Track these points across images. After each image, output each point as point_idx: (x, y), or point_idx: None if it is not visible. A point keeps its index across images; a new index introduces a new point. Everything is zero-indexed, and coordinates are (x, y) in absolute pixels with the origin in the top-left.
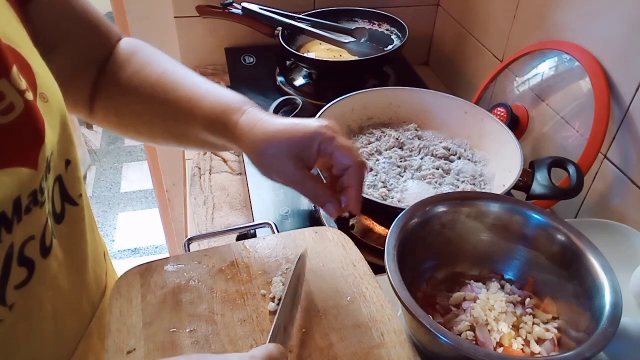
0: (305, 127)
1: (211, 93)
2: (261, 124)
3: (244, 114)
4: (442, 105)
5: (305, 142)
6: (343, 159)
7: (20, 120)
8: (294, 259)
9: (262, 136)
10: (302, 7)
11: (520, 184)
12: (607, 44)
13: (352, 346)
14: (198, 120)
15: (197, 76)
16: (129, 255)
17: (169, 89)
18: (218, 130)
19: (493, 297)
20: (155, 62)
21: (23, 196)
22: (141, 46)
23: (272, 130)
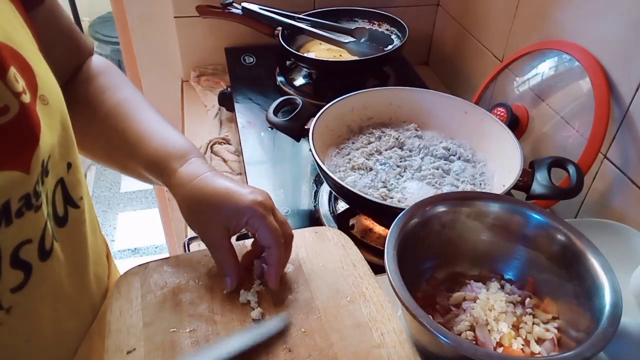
0: (238, 199)
1: (160, 134)
2: (199, 181)
3: (185, 164)
4: (442, 105)
5: (233, 215)
6: (266, 239)
7: (15, 122)
8: (294, 259)
9: (196, 195)
10: (302, 7)
11: (520, 184)
12: (607, 44)
13: (352, 346)
14: (139, 157)
15: (154, 114)
16: (129, 255)
17: (120, 119)
18: (156, 172)
19: (493, 297)
20: (117, 88)
21: (13, 200)
22: (109, 69)
23: (206, 193)
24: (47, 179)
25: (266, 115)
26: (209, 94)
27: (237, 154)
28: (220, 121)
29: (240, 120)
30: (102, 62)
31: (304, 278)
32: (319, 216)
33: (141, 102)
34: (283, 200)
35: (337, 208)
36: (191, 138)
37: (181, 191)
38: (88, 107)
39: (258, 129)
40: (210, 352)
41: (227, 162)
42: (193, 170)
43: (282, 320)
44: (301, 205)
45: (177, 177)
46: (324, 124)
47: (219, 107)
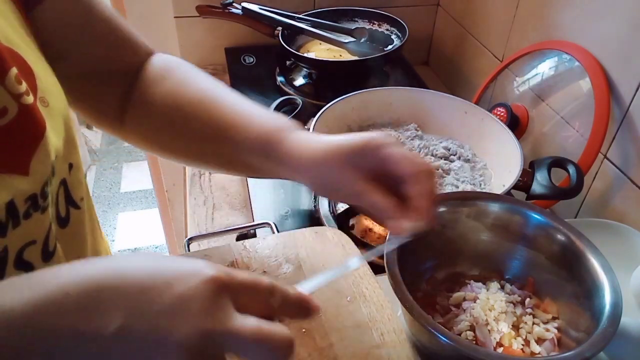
0: (359, 137)
1: (255, 113)
2: (314, 143)
3: (291, 136)
4: (442, 105)
5: (361, 149)
6: (408, 165)
7: (14, 125)
8: (294, 259)
9: (313, 151)
10: (302, 7)
11: (520, 184)
12: (607, 44)
13: (352, 346)
14: (242, 142)
15: (238, 95)
16: None
17: (210, 108)
18: (263, 153)
19: (493, 297)
20: (193, 79)
21: (18, 201)
22: (177, 63)
23: (323, 145)
24: (53, 179)
25: None
26: None
27: None
28: None
29: None
30: (166, 58)
31: (304, 278)
32: (319, 216)
33: (221, 87)
34: (283, 200)
35: (337, 208)
36: None
37: (297, 162)
38: (169, 106)
39: None
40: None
41: None
42: (302, 139)
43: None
44: (301, 205)
45: (288, 152)
46: (324, 124)
47: None
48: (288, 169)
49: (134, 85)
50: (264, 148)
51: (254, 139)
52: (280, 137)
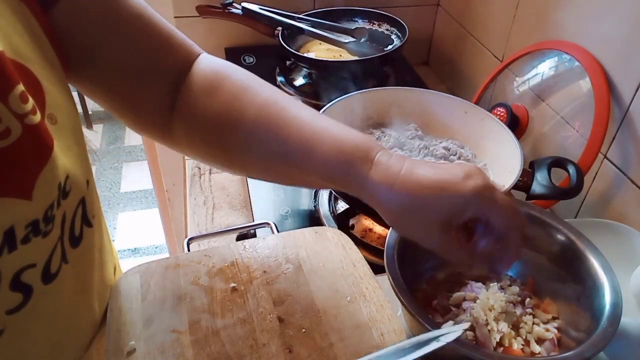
0: (456, 190)
1: (330, 133)
2: (401, 179)
3: (375, 164)
4: (442, 105)
5: (459, 208)
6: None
7: (17, 146)
8: (294, 259)
9: (404, 198)
10: (302, 7)
11: (520, 184)
12: (607, 44)
13: (352, 346)
14: (314, 167)
15: (306, 108)
16: (129, 255)
17: (273, 125)
18: (341, 180)
19: (493, 297)
20: (253, 90)
21: (18, 227)
22: (230, 69)
23: (416, 192)
24: (66, 200)
25: None
26: None
27: None
28: None
29: None
30: (217, 62)
31: (304, 278)
32: (319, 216)
33: (286, 99)
34: (283, 200)
35: (337, 208)
36: None
37: (383, 199)
38: (225, 119)
39: None
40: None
41: None
42: (389, 171)
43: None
44: (301, 205)
45: (372, 184)
46: None
47: None
48: (370, 202)
49: (179, 92)
50: (341, 176)
51: (330, 165)
52: (362, 164)
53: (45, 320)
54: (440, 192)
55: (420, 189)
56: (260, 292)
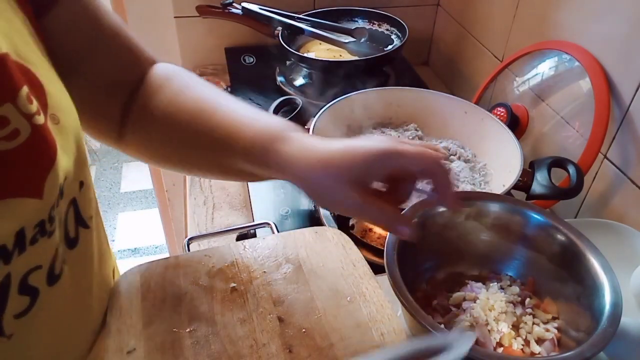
0: (365, 150)
1: (251, 118)
2: (312, 150)
3: (288, 141)
4: (442, 105)
5: (368, 165)
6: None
7: (26, 146)
8: (294, 259)
9: (315, 164)
10: (302, 7)
11: (520, 184)
12: (607, 44)
13: (352, 346)
14: (237, 149)
15: (236, 101)
16: (129, 255)
17: (206, 116)
18: (260, 160)
19: (493, 297)
20: (192, 87)
21: (27, 228)
22: (177, 72)
23: (326, 157)
24: (62, 200)
25: None
26: None
27: None
28: None
29: None
30: (166, 67)
31: (304, 278)
32: (319, 216)
33: (219, 94)
34: (283, 201)
35: None
36: None
37: (296, 170)
38: (167, 116)
39: None
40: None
41: None
42: (301, 145)
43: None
44: (301, 205)
45: (286, 158)
46: (323, 124)
47: None
48: (286, 176)
49: (134, 96)
50: (261, 155)
51: (251, 146)
52: (278, 143)
53: (50, 323)
54: (346, 152)
55: (329, 154)
56: (260, 292)
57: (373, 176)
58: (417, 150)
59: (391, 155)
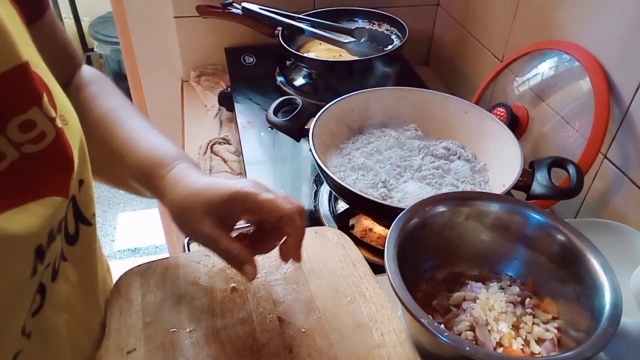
0: (226, 187)
1: (147, 142)
2: (185, 181)
3: (172, 170)
4: (442, 105)
5: (225, 202)
6: (270, 212)
7: (51, 148)
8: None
9: (183, 193)
10: (302, 7)
11: (520, 184)
12: (607, 44)
13: (352, 346)
14: (127, 167)
15: (142, 120)
16: (129, 255)
17: (108, 127)
18: (144, 181)
19: (493, 297)
20: (105, 97)
21: (55, 226)
22: (98, 79)
23: (193, 189)
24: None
25: (266, 115)
26: (209, 94)
27: (237, 154)
28: (220, 121)
29: (240, 120)
30: (91, 72)
31: (304, 278)
32: (319, 216)
33: (129, 110)
34: None
35: (337, 208)
36: (191, 138)
37: (168, 196)
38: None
39: (258, 129)
40: None
41: (227, 162)
42: (179, 174)
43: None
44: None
45: (164, 184)
46: (324, 124)
47: (219, 107)
48: (162, 201)
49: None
50: (145, 177)
51: (139, 165)
52: (163, 169)
53: (63, 318)
54: (211, 190)
55: (198, 188)
56: (260, 292)
57: (231, 214)
58: (271, 199)
59: (246, 198)
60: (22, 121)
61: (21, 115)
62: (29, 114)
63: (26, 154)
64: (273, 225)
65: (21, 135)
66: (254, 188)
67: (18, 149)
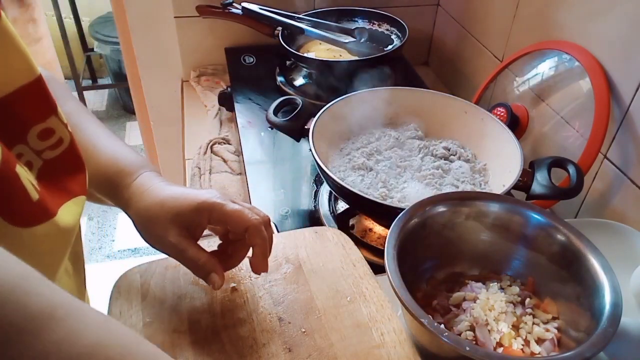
0: (193, 197)
1: (109, 149)
2: (151, 190)
3: (137, 179)
4: (442, 105)
5: (191, 212)
6: (238, 221)
7: (68, 152)
8: (294, 259)
9: (149, 203)
10: (302, 7)
11: (520, 184)
12: (607, 44)
13: (352, 346)
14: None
15: (100, 127)
16: (129, 255)
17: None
18: (107, 190)
19: (493, 297)
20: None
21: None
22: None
23: (159, 198)
24: None
25: (266, 115)
26: (209, 94)
27: (237, 154)
28: (220, 121)
29: (240, 120)
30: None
31: (304, 278)
32: (319, 216)
33: (85, 115)
34: (283, 200)
35: (337, 208)
36: (191, 138)
37: (133, 205)
38: None
39: (258, 129)
40: None
41: (227, 162)
42: (144, 183)
43: None
44: (301, 205)
45: (129, 193)
46: (324, 124)
47: (219, 107)
48: (127, 211)
49: None
50: (108, 187)
51: (102, 173)
52: (127, 177)
53: None
54: (178, 200)
55: (165, 197)
56: (260, 292)
57: (197, 224)
58: (237, 210)
59: (213, 208)
60: (41, 129)
61: (41, 124)
62: (47, 123)
63: (47, 160)
64: (239, 236)
65: (40, 142)
66: (220, 199)
67: (39, 156)
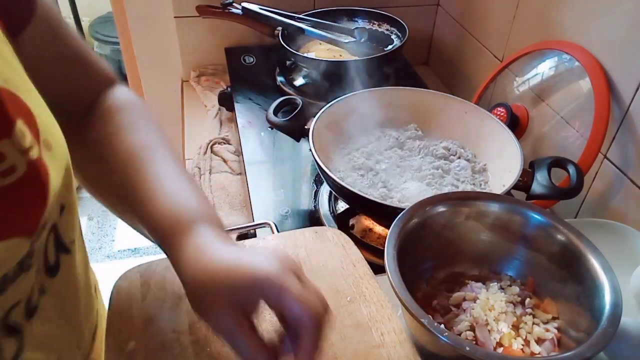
0: (251, 270)
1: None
2: (204, 256)
3: (191, 236)
4: (442, 105)
5: (247, 290)
6: (292, 314)
7: (21, 183)
8: (294, 259)
9: (200, 274)
10: (302, 7)
11: (520, 184)
12: (607, 44)
13: (352, 346)
14: (144, 221)
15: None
16: (129, 255)
17: (131, 168)
18: (159, 240)
19: (493, 297)
20: (135, 129)
21: (12, 269)
22: (132, 104)
23: (212, 269)
24: (44, 230)
25: (266, 115)
26: (209, 94)
27: (237, 154)
28: (220, 121)
29: (240, 120)
30: (125, 96)
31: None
32: (319, 216)
33: (158, 150)
34: (283, 200)
35: (337, 208)
36: (191, 138)
37: (185, 271)
38: (102, 149)
39: (258, 129)
40: None
41: (227, 162)
42: (198, 245)
43: None
44: (301, 205)
45: (181, 254)
46: (324, 124)
47: (219, 107)
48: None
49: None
50: (160, 237)
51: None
52: (181, 233)
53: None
54: (233, 272)
55: (216, 267)
56: None
57: (251, 301)
58: (301, 293)
59: (272, 286)
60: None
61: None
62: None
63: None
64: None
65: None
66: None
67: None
